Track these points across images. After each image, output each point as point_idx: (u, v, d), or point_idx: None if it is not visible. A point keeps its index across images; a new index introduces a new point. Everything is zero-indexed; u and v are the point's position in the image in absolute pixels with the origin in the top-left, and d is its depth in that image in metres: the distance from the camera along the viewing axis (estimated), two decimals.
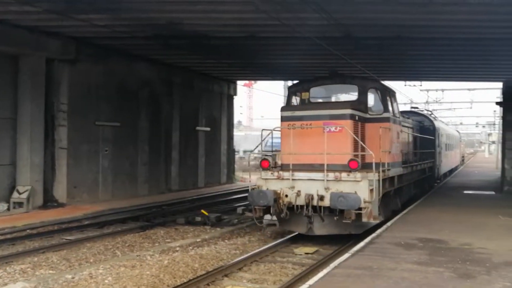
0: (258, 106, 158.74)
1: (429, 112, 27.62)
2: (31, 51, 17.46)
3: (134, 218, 16.82)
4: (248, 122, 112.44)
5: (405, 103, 55.73)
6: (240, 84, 33.86)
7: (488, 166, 44.50)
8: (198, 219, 16.46)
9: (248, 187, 13.00)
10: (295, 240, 13.07)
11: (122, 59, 21.15)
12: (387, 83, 28.86)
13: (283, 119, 12.76)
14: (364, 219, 11.51)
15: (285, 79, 34.31)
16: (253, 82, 71.49)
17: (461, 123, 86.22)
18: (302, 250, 12.06)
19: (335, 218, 11.64)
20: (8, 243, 12.65)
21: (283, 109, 13.04)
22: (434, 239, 10.84)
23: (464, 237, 11.02)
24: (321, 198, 11.71)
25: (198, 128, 27.27)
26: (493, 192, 21.94)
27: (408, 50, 19.22)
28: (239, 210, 18.51)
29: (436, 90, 42.44)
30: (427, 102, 49.56)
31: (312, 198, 11.74)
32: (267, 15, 13.20)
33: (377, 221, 11.95)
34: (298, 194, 11.99)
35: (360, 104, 13.25)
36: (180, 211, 18.78)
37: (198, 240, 13.53)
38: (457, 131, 44.13)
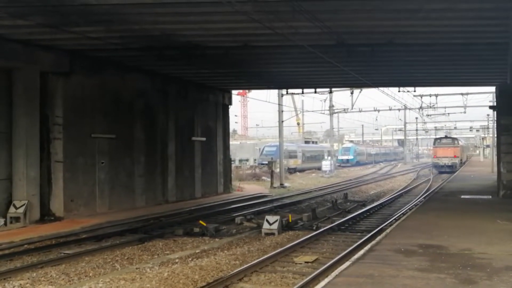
0: (252, 115, 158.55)
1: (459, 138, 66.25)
2: (24, 65, 17.36)
3: (132, 230, 16.71)
4: (243, 131, 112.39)
5: (399, 109, 57.37)
6: (234, 93, 33.82)
7: (483, 170, 44.59)
8: (197, 230, 16.39)
9: (247, 196, 13.22)
10: (294, 249, 13.07)
11: (116, 70, 21.10)
12: (382, 89, 29.17)
13: (436, 145, 57.91)
14: (457, 168, 52.56)
15: (280, 87, 34.36)
16: (247, 91, 71.59)
17: (455, 128, 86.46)
18: (302, 259, 12.05)
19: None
20: (6, 258, 12.52)
21: (435, 144, 59.08)
22: (434, 245, 10.85)
23: (463, 243, 11.04)
24: (448, 162, 53.94)
25: (193, 138, 27.19)
26: (490, 196, 21.98)
27: (401, 56, 19.27)
28: (238, 220, 18.46)
29: (430, 95, 42.53)
30: (421, 108, 49.65)
31: (446, 163, 54.04)
32: (260, 24, 13.20)
33: (458, 169, 52.28)
34: (442, 162, 54.48)
35: (453, 141, 57.46)
36: (178, 222, 18.68)
37: (197, 251, 13.48)
38: (465, 142, 78.61)
